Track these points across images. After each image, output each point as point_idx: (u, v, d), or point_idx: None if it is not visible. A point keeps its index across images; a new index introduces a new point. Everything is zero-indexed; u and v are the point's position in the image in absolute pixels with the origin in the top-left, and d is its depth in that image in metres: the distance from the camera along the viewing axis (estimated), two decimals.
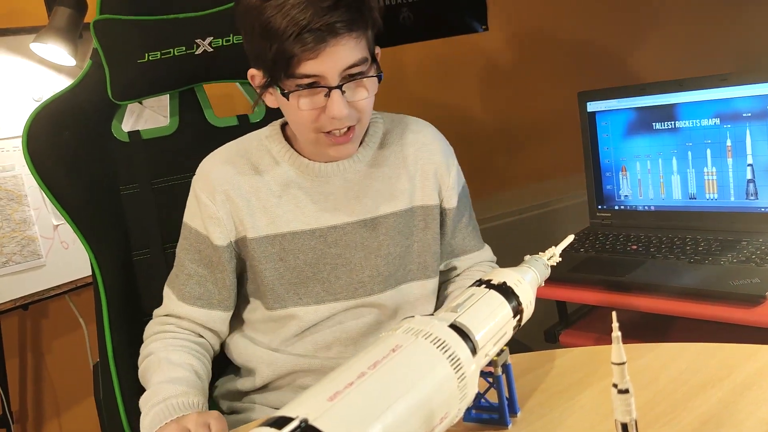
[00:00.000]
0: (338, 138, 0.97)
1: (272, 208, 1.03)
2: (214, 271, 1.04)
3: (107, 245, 1.16)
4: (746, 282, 1.13)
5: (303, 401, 0.56)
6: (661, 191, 1.49)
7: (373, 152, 1.08)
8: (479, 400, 0.77)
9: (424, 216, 1.09)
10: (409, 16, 2.21)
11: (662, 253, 1.34)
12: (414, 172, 1.09)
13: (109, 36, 1.16)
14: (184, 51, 1.21)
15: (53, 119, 1.14)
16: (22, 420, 1.86)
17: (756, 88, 1.32)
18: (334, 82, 0.92)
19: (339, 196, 1.04)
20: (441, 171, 1.11)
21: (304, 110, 0.94)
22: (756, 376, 0.78)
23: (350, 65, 0.93)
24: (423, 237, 1.09)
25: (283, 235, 1.03)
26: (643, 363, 0.85)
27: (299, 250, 1.03)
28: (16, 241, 1.61)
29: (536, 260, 0.83)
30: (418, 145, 1.10)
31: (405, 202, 1.08)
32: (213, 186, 1.03)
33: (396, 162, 1.09)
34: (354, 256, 1.05)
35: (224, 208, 1.02)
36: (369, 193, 1.06)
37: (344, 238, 1.04)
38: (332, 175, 1.04)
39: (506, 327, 0.73)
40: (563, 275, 1.34)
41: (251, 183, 1.03)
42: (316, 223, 1.04)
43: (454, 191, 1.12)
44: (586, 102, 1.58)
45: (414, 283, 1.09)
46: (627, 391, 0.61)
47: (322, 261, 1.04)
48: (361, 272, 1.05)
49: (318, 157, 1.04)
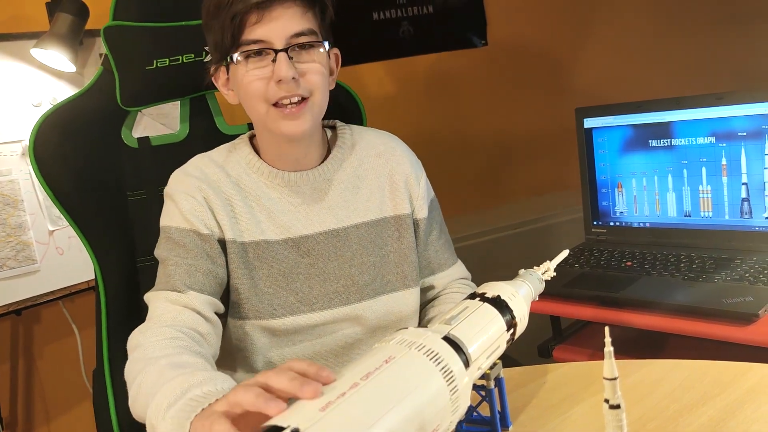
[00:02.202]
0: (290, 110, 0.97)
1: (245, 217, 1.03)
2: (204, 262, 0.99)
3: (112, 251, 1.17)
4: (739, 300, 1.14)
5: (295, 411, 0.56)
6: (656, 208, 1.50)
7: (341, 162, 1.09)
8: (471, 413, 0.77)
9: (397, 226, 1.10)
10: (408, 30, 2.22)
11: (656, 270, 1.34)
12: (383, 183, 1.11)
13: (119, 42, 1.17)
14: (192, 58, 1.21)
15: (61, 125, 1.15)
16: (11, 426, 1.85)
17: (752, 107, 1.33)
18: (280, 45, 0.95)
19: (310, 205, 1.05)
20: (410, 181, 1.12)
21: (253, 79, 0.96)
22: (748, 394, 0.78)
23: (296, 32, 0.96)
24: (398, 247, 1.10)
25: (256, 243, 1.02)
26: (636, 379, 0.85)
27: (273, 259, 1.03)
28: (11, 246, 1.61)
29: (531, 274, 0.83)
30: (387, 156, 1.12)
31: (375, 212, 1.09)
32: (191, 186, 1.02)
33: (365, 172, 1.10)
34: (327, 266, 1.05)
35: (204, 206, 1.01)
36: (339, 202, 1.07)
37: (317, 248, 1.05)
38: (302, 184, 1.05)
39: (500, 340, 0.73)
40: (558, 290, 1.34)
41: (226, 189, 1.03)
42: (288, 233, 1.04)
43: (424, 201, 1.13)
44: (583, 118, 1.59)
45: (394, 294, 1.08)
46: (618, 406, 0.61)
47: (295, 271, 1.04)
48: (336, 282, 1.05)
49: (286, 165, 1.05)
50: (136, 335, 0.92)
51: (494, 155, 2.37)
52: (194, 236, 1.00)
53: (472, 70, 2.32)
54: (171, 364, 0.82)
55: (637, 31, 2.51)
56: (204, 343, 0.94)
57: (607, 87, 2.39)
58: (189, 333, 0.92)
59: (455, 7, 2.29)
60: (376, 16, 2.17)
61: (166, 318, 0.93)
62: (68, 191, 1.14)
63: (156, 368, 0.82)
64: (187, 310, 0.95)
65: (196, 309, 0.95)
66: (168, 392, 0.75)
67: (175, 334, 0.90)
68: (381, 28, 2.17)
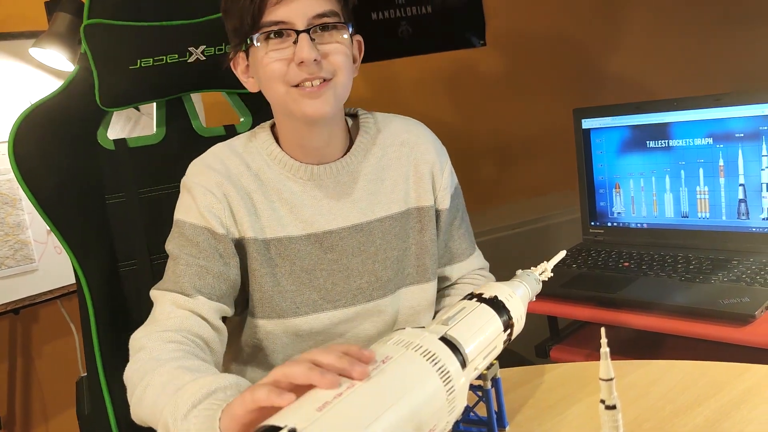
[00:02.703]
0: (311, 90, 0.93)
1: (266, 212, 1.00)
2: (216, 264, 0.96)
3: (93, 255, 1.14)
4: (736, 301, 1.14)
5: (292, 411, 0.56)
6: (653, 209, 1.50)
7: (365, 153, 1.05)
8: (468, 413, 0.77)
9: (419, 218, 1.07)
10: (407, 30, 2.22)
11: (654, 270, 1.34)
12: (408, 173, 1.07)
13: (100, 41, 1.14)
14: (176, 59, 1.19)
15: (39, 125, 1.11)
16: (9, 425, 1.85)
17: (749, 109, 1.33)
18: (302, 26, 0.92)
19: (333, 199, 1.02)
20: (435, 170, 1.09)
21: (273, 61, 0.93)
22: (744, 395, 0.78)
23: (318, 14, 0.92)
24: (420, 239, 1.07)
25: (279, 240, 0.99)
26: (632, 380, 0.85)
27: (295, 256, 1.00)
28: (9, 245, 1.61)
29: (528, 275, 0.84)
30: (412, 144, 1.09)
31: (400, 204, 1.06)
32: (211, 180, 0.98)
33: (389, 162, 1.07)
34: (351, 262, 1.02)
35: (223, 203, 0.97)
36: (363, 195, 1.04)
37: (340, 244, 1.02)
38: (324, 178, 1.02)
39: (496, 341, 0.73)
40: (555, 290, 1.34)
41: (247, 182, 1.00)
42: (311, 228, 1.01)
43: (447, 191, 1.10)
44: (581, 119, 1.59)
45: (412, 287, 1.07)
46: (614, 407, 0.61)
47: (319, 267, 1.01)
48: (359, 278, 1.02)
49: (308, 158, 1.01)
50: (141, 337, 0.90)
51: (492, 156, 2.38)
52: (208, 235, 0.96)
53: (470, 71, 2.32)
54: (183, 368, 0.81)
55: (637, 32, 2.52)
56: (208, 350, 0.92)
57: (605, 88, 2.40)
58: (194, 340, 0.90)
59: (454, 7, 2.29)
60: (374, 16, 2.17)
61: (172, 322, 0.90)
62: (48, 192, 1.11)
63: (167, 370, 0.80)
64: (193, 316, 0.92)
65: (203, 315, 0.93)
66: (193, 392, 0.72)
67: (180, 338, 0.88)
68: (380, 28, 2.18)
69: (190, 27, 1.21)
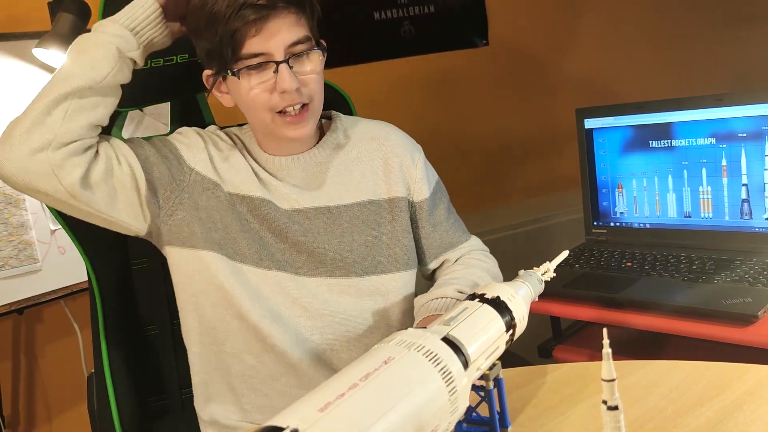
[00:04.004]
0: (293, 117, 1.01)
1: (242, 173, 1.06)
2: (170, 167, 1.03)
3: (105, 254, 1.15)
4: (739, 301, 1.14)
5: (293, 411, 0.56)
6: (656, 209, 1.50)
7: (333, 147, 1.11)
8: (470, 413, 0.77)
9: (390, 209, 1.11)
10: (410, 30, 2.22)
11: (656, 270, 1.34)
12: (377, 166, 1.12)
13: None
14: (187, 58, 1.20)
15: None
16: (13, 425, 1.86)
17: (751, 108, 1.33)
18: (281, 56, 0.97)
19: (301, 188, 1.07)
20: (406, 163, 1.13)
21: (256, 90, 0.99)
22: (747, 395, 0.78)
23: (294, 42, 0.98)
24: (391, 229, 1.11)
25: (251, 199, 1.05)
26: (634, 380, 0.85)
27: (264, 217, 1.05)
28: (13, 245, 1.61)
29: (530, 275, 0.83)
30: (381, 140, 1.14)
31: (368, 193, 1.10)
32: (195, 135, 1.08)
33: (358, 155, 1.12)
34: (316, 239, 1.06)
35: (204, 153, 1.06)
36: (330, 184, 1.09)
37: (307, 222, 1.06)
38: (292, 167, 1.08)
39: (499, 341, 0.73)
40: (558, 290, 1.34)
41: (228, 158, 1.07)
42: (284, 205, 1.06)
43: (424, 183, 1.14)
44: (583, 119, 1.59)
45: (385, 276, 1.09)
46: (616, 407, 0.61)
47: (284, 233, 1.05)
48: (324, 255, 1.06)
49: (279, 151, 1.08)
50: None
51: (495, 155, 2.38)
52: (176, 155, 1.05)
53: (472, 70, 2.32)
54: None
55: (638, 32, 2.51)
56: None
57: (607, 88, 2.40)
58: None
59: (456, 7, 2.29)
60: (377, 15, 2.17)
61: None
62: None
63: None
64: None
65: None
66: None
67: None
68: (382, 28, 2.18)
69: None
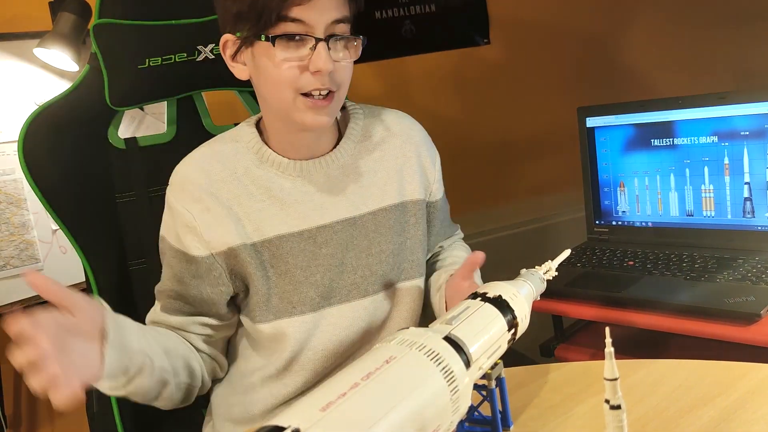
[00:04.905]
0: (317, 101, 0.93)
1: (255, 214, 0.98)
2: (187, 287, 0.99)
3: (103, 254, 1.15)
4: (742, 300, 1.14)
5: (295, 411, 0.56)
6: (658, 208, 1.49)
7: (355, 145, 1.05)
8: (472, 413, 0.77)
9: (414, 211, 1.06)
10: (411, 29, 2.22)
11: (659, 269, 1.34)
12: (401, 165, 1.06)
13: (109, 40, 1.15)
14: (185, 57, 1.20)
15: (49, 124, 1.12)
16: (15, 425, 1.86)
17: (754, 107, 1.33)
18: (321, 33, 0.90)
19: (323, 193, 1.01)
20: (427, 164, 1.09)
21: (286, 65, 0.90)
22: (749, 394, 0.78)
23: (337, 19, 0.91)
24: (415, 233, 1.07)
25: (269, 241, 0.98)
26: (637, 379, 0.85)
27: (288, 254, 0.99)
28: (15, 245, 1.62)
29: (532, 274, 0.83)
30: (403, 138, 1.08)
31: (393, 196, 1.05)
32: (189, 194, 0.98)
33: (381, 155, 1.06)
34: (345, 257, 1.01)
35: (203, 218, 0.97)
36: (355, 189, 1.03)
37: (334, 238, 1.01)
38: (314, 172, 1.01)
39: (500, 340, 0.73)
40: (560, 289, 1.34)
41: (230, 189, 0.99)
42: (303, 224, 1.00)
43: (440, 183, 1.11)
44: (585, 117, 1.58)
45: (407, 282, 1.06)
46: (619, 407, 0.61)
47: (314, 263, 1.00)
48: (354, 273, 1.01)
49: (298, 153, 1.01)
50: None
51: (496, 154, 2.37)
52: (182, 258, 0.98)
53: (473, 69, 2.32)
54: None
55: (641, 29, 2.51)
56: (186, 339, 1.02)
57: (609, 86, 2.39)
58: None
59: (457, 5, 2.28)
60: (378, 15, 2.17)
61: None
62: (58, 192, 1.11)
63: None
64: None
65: (182, 327, 1.01)
66: None
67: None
68: (383, 28, 2.17)
69: (199, 26, 1.21)
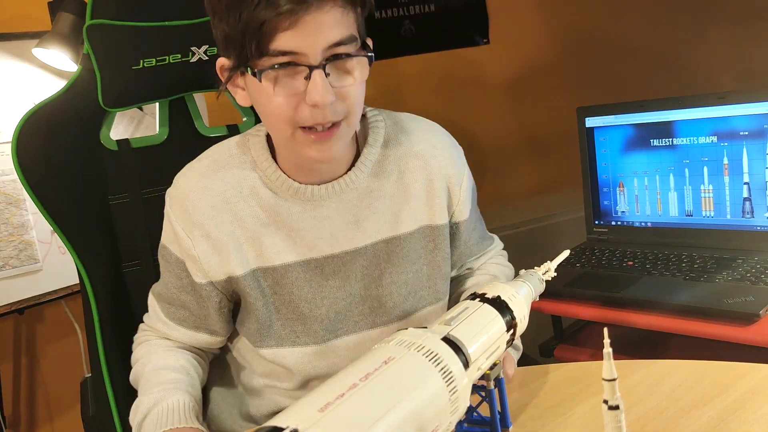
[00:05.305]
0: (320, 134, 0.82)
1: (260, 239, 0.91)
2: (197, 298, 0.94)
3: (97, 256, 1.14)
4: (741, 300, 1.13)
5: (294, 412, 0.56)
6: (658, 208, 1.49)
7: (373, 166, 0.94)
8: (471, 413, 0.77)
9: (433, 237, 0.97)
10: (410, 29, 2.22)
11: (658, 269, 1.34)
12: (423, 187, 0.96)
13: (102, 41, 1.15)
14: (179, 58, 1.20)
15: (42, 125, 1.12)
16: (14, 425, 1.86)
17: (753, 107, 1.33)
18: (316, 60, 0.78)
19: (335, 220, 0.92)
20: (452, 184, 0.98)
21: (280, 97, 0.80)
22: (749, 395, 0.78)
23: (335, 42, 0.79)
24: (432, 259, 0.98)
25: (274, 269, 0.91)
26: (636, 380, 0.85)
27: (293, 284, 0.92)
28: (14, 245, 1.61)
29: (531, 275, 0.83)
30: (428, 157, 0.97)
31: (410, 223, 0.95)
32: (189, 217, 0.91)
33: (401, 177, 0.95)
34: (354, 288, 0.93)
35: (203, 246, 0.91)
36: (370, 215, 0.93)
37: (343, 269, 0.92)
38: (327, 198, 0.91)
39: (499, 341, 0.73)
40: (559, 290, 1.34)
41: (234, 211, 0.91)
42: (310, 253, 0.92)
43: (466, 204, 1.00)
44: (584, 117, 1.58)
45: (424, 310, 0.99)
46: (617, 407, 0.61)
47: (320, 295, 0.92)
48: (362, 304, 0.94)
49: (309, 177, 0.91)
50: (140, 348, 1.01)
51: (495, 154, 2.37)
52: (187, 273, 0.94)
53: (473, 69, 2.32)
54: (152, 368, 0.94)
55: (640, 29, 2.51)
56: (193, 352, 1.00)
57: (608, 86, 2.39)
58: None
59: (457, 6, 2.29)
60: (377, 14, 2.17)
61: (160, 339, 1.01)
62: (50, 193, 1.11)
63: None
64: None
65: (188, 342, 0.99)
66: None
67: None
68: (383, 27, 2.17)
69: (193, 27, 1.21)
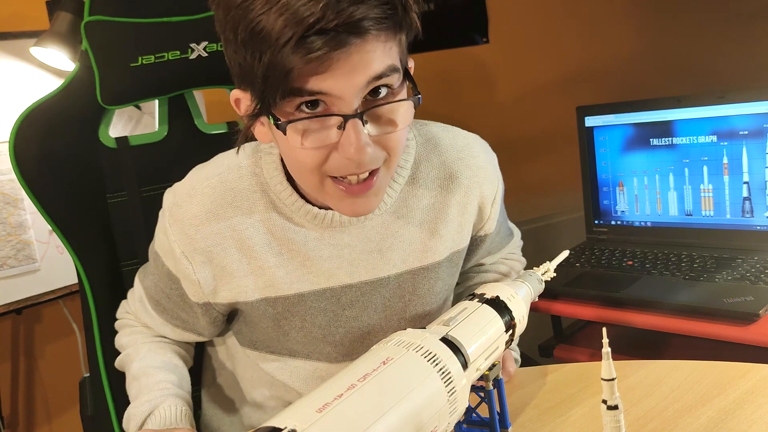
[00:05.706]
0: (353, 187, 0.71)
1: (272, 269, 0.83)
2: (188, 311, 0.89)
3: (95, 254, 1.14)
4: (740, 300, 1.13)
5: (292, 412, 0.56)
6: (657, 207, 1.49)
7: (401, 190, 0.85)
8: (470, 414, 0.76)
9: (456, 261, 0.92)
10: None
11: (658, 269, 1.34)
12: (457, 212, 0.88)
13: (100, 38, 1.14)
14: (178, 55, 1.19)
15: (40, 123, 1.11)
16: (12, 425, 1.85)
17: (753, 106, 1.33)
18: (351, 105, 0.66)
19: (356, 249, 0.84)
20: (485, 204, 0.91)
21: (309, 149, 0.69)
22: (748, 395, 0.78)
23: (374, 76, 0.67)
24: (449, 282, 0.93)
25: (286, 298, 0.84)
26: (635, 380, 0.85)
27: (306, 313, 0.85)
28: (11, 245, 1.61)
29: (530, 275, 0.83)
30: (460, 181, 0.88)
31: (438, 253, 0.88)
32: (191, 244, 0.82)
33: (433, 201, 0.87)
34: (372, 318, 0.87)
35: (204, 273, 0.83)
36: (395, 245, 0.85)
37: (362, 300, 0.86)
38: (348, 224, 0.83)
39: (498, 342, 0.73)
40: (558, 290, 1.33)
41: (242, 239, 0.82)
42: (327, 282, 0.84)
43: (495, 217, 0.94)
44: (584, 117, 1.58)
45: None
46: (616, 407, 0.61)
47: (335, 324, 0.86)
48: (380, 334, 0.88)
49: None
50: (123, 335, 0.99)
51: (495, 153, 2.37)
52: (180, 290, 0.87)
53: (472, 68, 2.32)
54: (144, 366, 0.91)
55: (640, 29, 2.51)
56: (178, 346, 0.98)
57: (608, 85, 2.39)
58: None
59: (457, 4, 2.28)
60: None
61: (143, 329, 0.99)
62: (48, 191, 1.10)
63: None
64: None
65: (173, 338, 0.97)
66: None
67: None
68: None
69: (191, 23, 1.20)
